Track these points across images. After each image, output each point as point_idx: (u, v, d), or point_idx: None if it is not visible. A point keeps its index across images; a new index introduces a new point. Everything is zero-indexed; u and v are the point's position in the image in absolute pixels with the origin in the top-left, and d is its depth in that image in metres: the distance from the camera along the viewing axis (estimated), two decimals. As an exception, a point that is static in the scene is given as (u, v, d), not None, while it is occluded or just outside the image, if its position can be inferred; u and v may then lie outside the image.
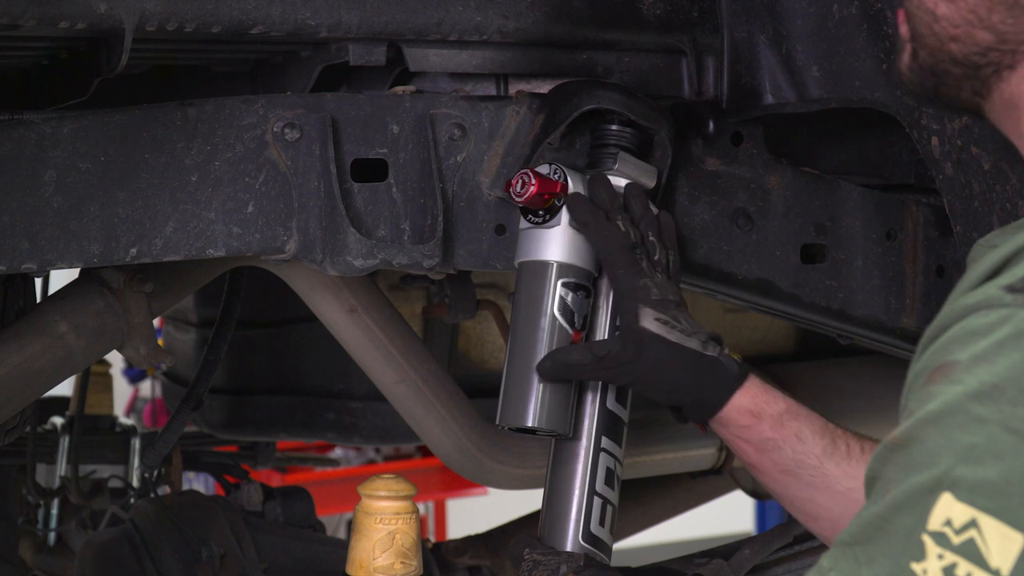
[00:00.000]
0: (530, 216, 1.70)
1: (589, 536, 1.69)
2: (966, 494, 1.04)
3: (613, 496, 1.71)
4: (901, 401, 1.21)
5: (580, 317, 1.69)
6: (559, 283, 1.68)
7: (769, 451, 1.61)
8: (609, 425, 1.71)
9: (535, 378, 1.67)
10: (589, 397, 1.71)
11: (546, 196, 1.66)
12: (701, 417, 1.64)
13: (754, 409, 1.62)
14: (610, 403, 1.71)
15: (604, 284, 1.73)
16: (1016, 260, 1.16)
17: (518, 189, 1.67)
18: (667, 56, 1.92)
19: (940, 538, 1.05)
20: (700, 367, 1.62)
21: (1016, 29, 1.23)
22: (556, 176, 1.68)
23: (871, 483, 1.15)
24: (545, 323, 1.67)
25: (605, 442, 1.71)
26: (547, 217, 1.68)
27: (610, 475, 1.70)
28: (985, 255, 1.23)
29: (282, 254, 1.74)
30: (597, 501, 1.70)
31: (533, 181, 1.66)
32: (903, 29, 1.33)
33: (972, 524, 1.04)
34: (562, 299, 1.67)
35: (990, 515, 1.03)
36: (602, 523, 1.70)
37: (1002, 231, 1.28)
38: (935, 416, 1.09)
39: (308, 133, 1.72)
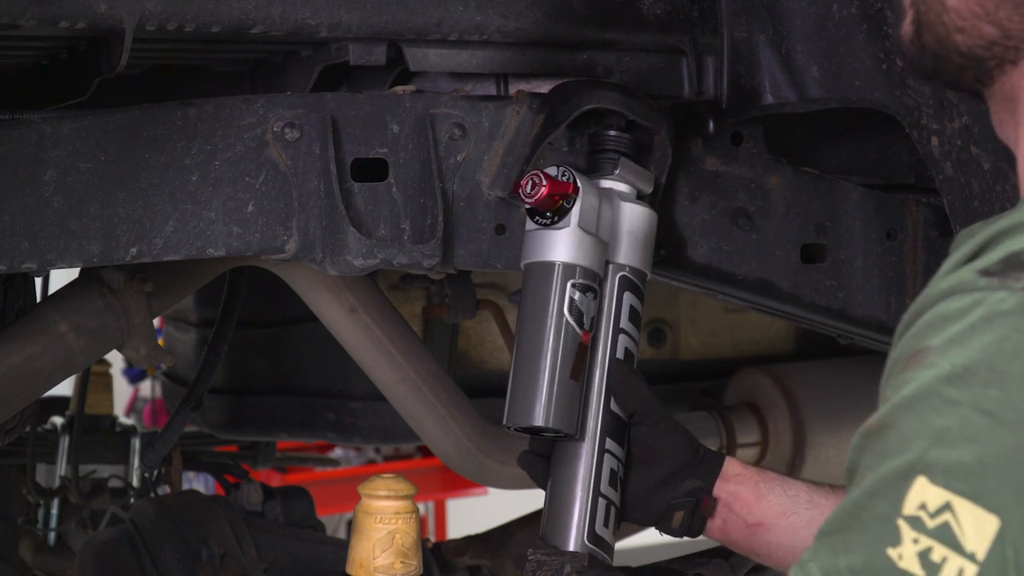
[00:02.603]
0: (537, 217, 1.69)
1: (594, 537, 1.69)
2: (940, 477, 1.04)
3: (616, 497, 1.71)
4: (880, 390, 1.21)
5: (588, 318, 1.68)
6: (568, 284, 1.67)
7: (764, 496, 1.69)
8: (613, 427, 1.71)
9: (543, 378, 1.67)
10: (594, 398, 1.71)
11: (556, 197, 1.66)
12: (710, 476, 1.71)
13: (740, 465, 1.73)
14: (614, 405, 1.72)
15: (607, 286, 1.73)
16: (992, 245, 1.15)
17: (528, 190, 1.67)
18: (667, 56, 1.92)
19: (915, 522, 1.04)
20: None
21: (1021, 26, 1.23)
22: (565, 177, 1.68)
23: (850, 474, 1.15)
24: (553, 323, 1.67)
25: (609, 443, 1.71)
26: (555, 219, 1.68)
27: (613, 476, 1.70)
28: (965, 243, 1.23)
29: (282, 254, 1.74)
30: (601, 502, 1.70)
31: (544, 182, 1.65)
32: (907, 2, 1.34)
33: (947, 507, 1.03)
34: (572, 300, 1.67)
35: (965, 498, 1.03)
36: (606, 524, 1.70)
37: (985, 222, 1.28)
38: (908, 401, 1.08)
39: (308, 133, 1.72)
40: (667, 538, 1.78)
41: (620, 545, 1.85)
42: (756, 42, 1.87)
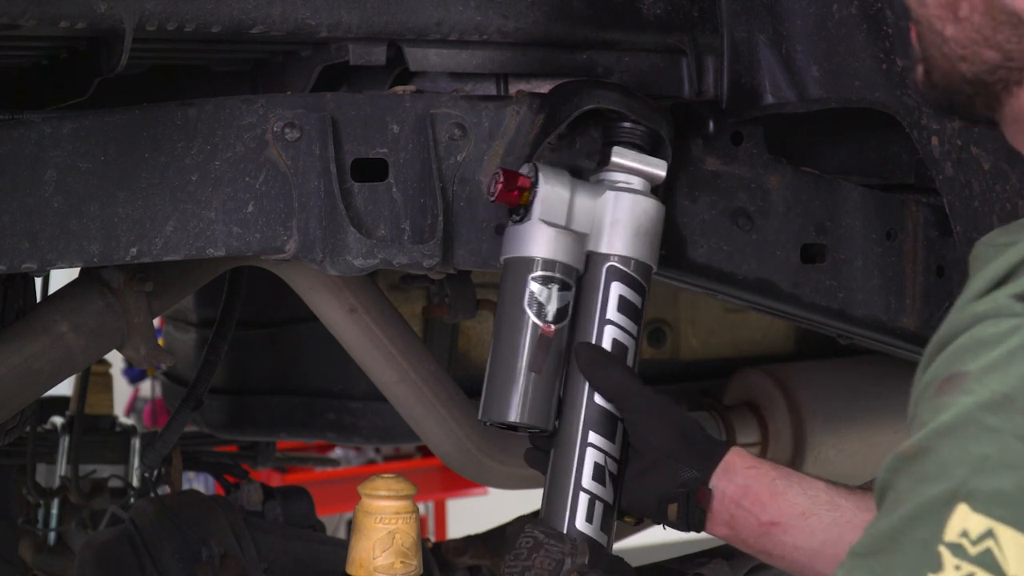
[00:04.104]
0: (512, 215, 1.72)
1: (575, 532, 1.67)
2: (982, 505, 1.04)
3: (604, 492, 1.69)
4: (909, 410, 1.21)
5: (552, 310, 1.68)
6: (528, 277, 1.68)
7: (781, 493, 1.60)
8: (598, 420, 1.70)
9: (517, 373, 1.67)
10: (577, 392, 1.71)
11: (516, 193, 1.67)
12: (706, 465, 1.63)
13: (752, 458, 1.64)
14: (600, 399, 1.70)
15: (592, 277, 1.72)
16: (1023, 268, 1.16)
17: (491, 188, 1.70)
18: (667, 56, 1.92)
19: (957, 549, 1.05)
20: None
21: (1021, 47, 1.23)
22: (529, 173, 1.69)
23: (882, 493, 1.15)
24: (513, 318, 1.68)
25: (593, 437, 1.69)
26: (524, 215, 1.69)
27: (599, 471, 1.69)
28: (988, 255, 1.23)
29: (282, 254, 1.74)
30: (583, 497, 1.68)
31: (501, 179, 1.67)
32: (915, 45, 1.34)
33: (989, 534, 1.04)
34: (531, 293, 1.68)
35: (1006, 525, 1.03)
36: (589, 519, 1.68)
37: (1005, 230, 1.28)
38: (947, 427, 1.09)
39: (308, 133, 1.72)
40: (667, 538, 1.76)
41: (620, 545, 1.84)
42: (756, 42, 1.87)
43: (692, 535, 1.71)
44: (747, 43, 1.88)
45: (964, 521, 1.05)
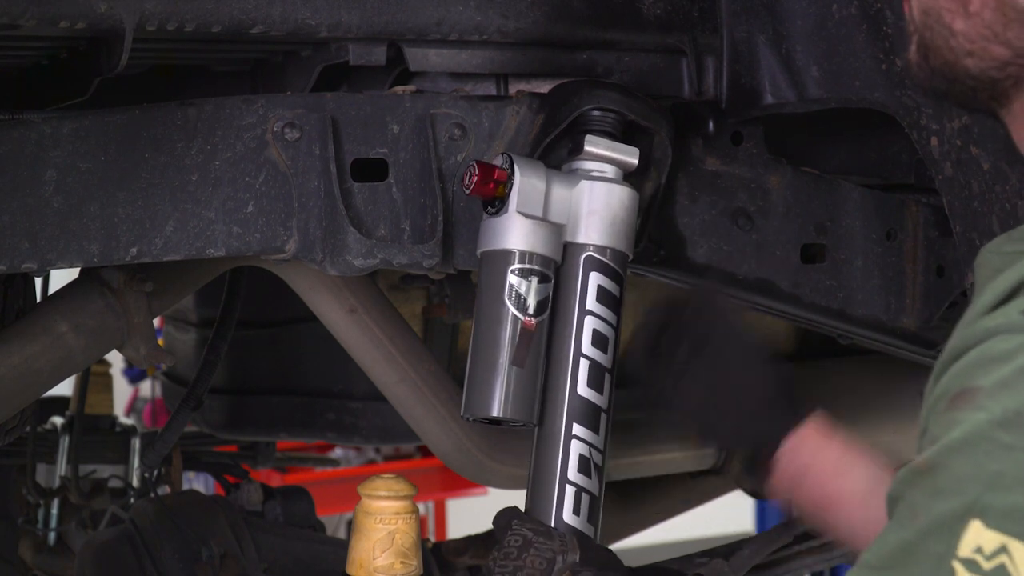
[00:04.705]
0: (488, 208, 1.70)
1: (562, 526, 1.66)
2: (996, 521, 1.05)
3: (591, 484, 1.68)
4: (920, 423, 1.21)
5: (533, 303, 1.67)
6: (508, 270, 1.67)
7: (844, 473, 1.56)
8: (582, 412, 1.69)
9: (499, 368, 1.66)
10: (559, 384, 1.69)
11: (492, 185, 1.66)
12: (783, 429, 1.59)
13: (826, 428, 1.60)
14: (582, 390, 1.69)
15: (571, 267, 1.71)
16: None
17: (466, 181, 1.67)
18: (667, 56, 1.92)
19: (971, 564, 1.06)
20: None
21: None
22: (505, 165, 1.68)
23: (893, 504, 1.15)
24: (494, 311, 1.67)
25: (577, 429, 1.68)
26: (500, 207, 1.68)
27: (584, 462, 1.68)
28: (994, 262, 1.23)
29: (282, 254, 1.74)
30: (570, 489, 1.67)
31: (476, 171, 1.66)
32: (909, 16, 1.33)
33: (1002, 550, 1.05)
34: (512, 286, 1.66)
35: (1020, 540, 1.04)
36: (576, 512, 1.67)
37: (1009, 236, 1.27)
38: (960, 443, 1.09)
39: (308, 133, 1.72)
40: (667, 538, 1.75)
41: (619, 546, 1.84)
42: (756, 42, 1.87)
43: (691, 534, 1.71)
44: (747, 43, 1.88)
45: (978, 537, 1.06)
